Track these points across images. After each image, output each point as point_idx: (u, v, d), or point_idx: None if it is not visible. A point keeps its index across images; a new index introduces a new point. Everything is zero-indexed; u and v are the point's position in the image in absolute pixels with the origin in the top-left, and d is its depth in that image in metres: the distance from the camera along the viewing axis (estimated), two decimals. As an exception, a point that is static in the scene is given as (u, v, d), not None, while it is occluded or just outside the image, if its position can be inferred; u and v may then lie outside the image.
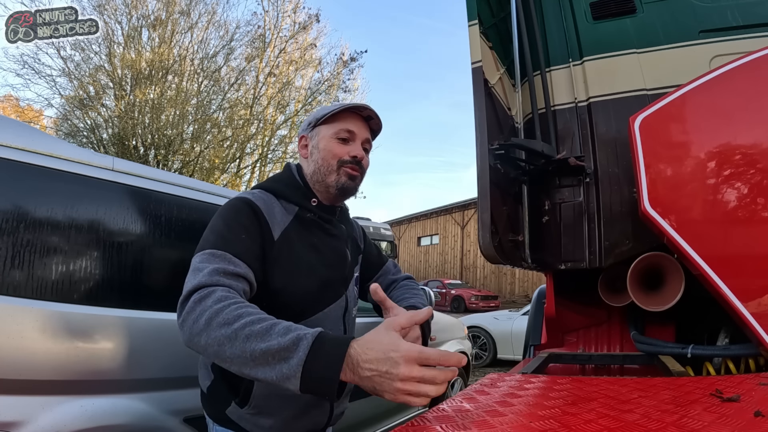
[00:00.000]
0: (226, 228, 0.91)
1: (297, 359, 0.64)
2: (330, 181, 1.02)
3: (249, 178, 13.46)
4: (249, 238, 0.91)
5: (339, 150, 1.02)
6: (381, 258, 1.31)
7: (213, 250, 0.86)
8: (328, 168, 1.02)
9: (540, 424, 0.69)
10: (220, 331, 0.70)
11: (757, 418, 0.67)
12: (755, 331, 1.19)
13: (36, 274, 1.18)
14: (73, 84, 11.47)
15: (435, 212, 23.69)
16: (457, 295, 16.01)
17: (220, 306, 0.73)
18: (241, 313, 0.72)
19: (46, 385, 1.16)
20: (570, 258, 1.78)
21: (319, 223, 1.05)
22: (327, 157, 1.02)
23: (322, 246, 1.04)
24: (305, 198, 1.04)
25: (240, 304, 0.74)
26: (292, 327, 0.69)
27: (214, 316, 0.72)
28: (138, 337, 1.34)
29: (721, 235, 1.28)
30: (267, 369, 0.67)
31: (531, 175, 1.88)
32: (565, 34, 1.97)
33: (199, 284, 0.78)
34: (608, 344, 1.88)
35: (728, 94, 1.35)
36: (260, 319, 0.71)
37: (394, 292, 1.20)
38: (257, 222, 0.94)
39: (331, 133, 1.03)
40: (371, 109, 1.04)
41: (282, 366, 0.65)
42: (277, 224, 0.97)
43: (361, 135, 1.04)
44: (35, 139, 1.27)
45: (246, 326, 0.69)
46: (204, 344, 0.72)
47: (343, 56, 13.99)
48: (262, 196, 1.00)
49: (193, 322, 0.74)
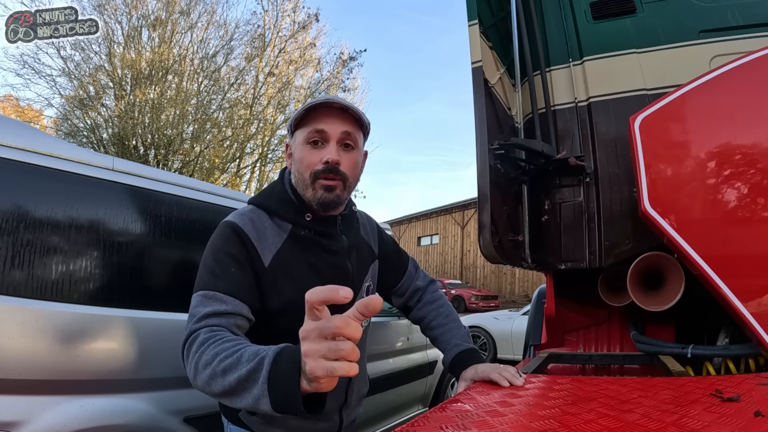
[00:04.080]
0: (216, 263, 0.89)
1: (262, 378, 0.63)
2: (308, 197, 0.95)
3: (249, 178, 13.45)
4: (239, 269, 0.89)
5: (310, 158, 0.93)
6: (402, 261, 1.26)
7: (205, 292, 0.86)
8: (304, 183, 0.95)
9: (540, 424, 0.69)
10: (205, 372, 0.72)
11: (757, 418, 0.67)
12: (755, 331, 1.19)
13: (36, 274, 1.18)
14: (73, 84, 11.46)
15: (435, 212, 23.67)
16: (457, 295, 16.00)
17: (202, 349, 0.75)
18: (218, 351, 0.72)
19: (46, 385, 1.16)
20: (570, 258, 1.78)
21: (316, 240, 0.99)
22: (301, 170, 0.95)
23: (320, 264, 0.99)
24: (299, 214, 0.97)
25: (217, 342, 0.75)
26: (259, 350, 0.67)
27: (198, 360, 0.74)
28: (138, 337, 1.34)
29: (721, 235, 1.28)
30: (245, 395, 0.66)
31: (531, 174, 1.88)
32: (565, 33, 1.97)
33: (191, 330, 0.81)
34: (608, 344, 1.88)
35: (728, 94, 1.35)
36: (233, 352, 0.70)
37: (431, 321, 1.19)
38: (245, 251, 0.91)
39: (302, 139, 0.95)
40: (342, 101, 0.94)
41: (253, 388, 0.64)
42: (267, 248, 0.94)
43: (335, 131, 0.93)
44: (35, 139, 1.27)
45: (221, 362, 0.69)
46: (201, 386, 0.74)
47: (342, 55, 13.99)
48: (252, 216, 0.96)
49: (189, 367, 0.77)
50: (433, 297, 1.25)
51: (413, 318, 1.27)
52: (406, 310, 1.28)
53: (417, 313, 1.25)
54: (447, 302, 1.25)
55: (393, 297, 1.28)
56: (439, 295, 1.26)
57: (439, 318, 1.19)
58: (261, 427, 0.98)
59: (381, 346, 2.42)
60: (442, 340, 1.16)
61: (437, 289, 1.28)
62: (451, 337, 1.14)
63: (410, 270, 1.27)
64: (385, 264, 1.21)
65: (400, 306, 1.29)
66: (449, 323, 1.18)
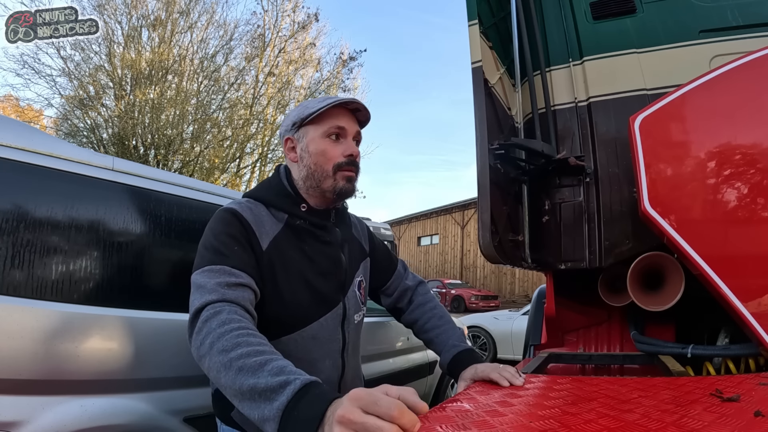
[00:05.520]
0: (219, 242, 0.90)
1: (279, 403, 0.61)
2: (326, 187, 0.99)
3: (249, 177, 13.46)
4: (242, 249, 0.90)
5: (333, 152, 0.98)
6: (392, 261, 1.28)
7: (211, 266, 0.85)
8: (323, 173, 0.98)
9: (540, 424, 0.69)
10: (219, 357, 0.70)
11: (757, 418, 0.67)
12: (755, 331, 1.19)
13: (36, 274, 1.18)
14: (73, 84, 11.47)
15: (435, 212, 23.68)
16: (457, 295, 16.01)
17: (223, 330, 0.73)
18: (240, 342, 0.70)
19: (46, 385, 1.16)
20: (570, 258, 1.78)
21: (310, 230, 1.02)
22: (320, 162, 0.98)
23: (313, 254, 1.01)
24: (294, 205, 1.01)
25: (242, 332, 0.73)
26: (286, 368, 0.65)
27: (216, 341, 0.72)
28: (138, 337, 1.34)
29: (721, 235, 1.28)
30: (252, 405, 0.64)
31: (531, 174, 1.88)
32: (565, 33, 1.97)
33: (206, 301, 0.78)
34: (608, 344, 1.88)
35: (728, 94, 1.35)
36: (257, 351, 0.69)
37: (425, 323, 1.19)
38: (245, 233, 0.93)
39: (321, 133, 0.99)
40: (358, 102, 1.01)
41: (265, 406, 0.62)
42: (265, 234, 0.95)
43: (352, 130, 1.01)
44: (35, 139, 1.27)
45: (241, 357, 0.68)
46: (207, 367, 0.72)
47: (342, 55, 14.00)
48: (249, 205, 0.98)
49: (200, 343, 0.74)
50: (425, 299, 1.24)
51: (406, 321, 1.26)
52: (397, 312, 1.28)
53: (409, 315, 1.24)
54: (439, 304, 1.25)
55: (382, 297, 1.28)
56: (431, 297, 1.26)
57: (434, 320, 1.18)
58: (253, 428, 0.97)
59: (381, 346, 2.42)
60: (438, 342, 1.15)
61: (428, 291, 1.28)
62: (447, 338, 1.13)
63: (399, 270, 1.28)
64: (376, 263, 1.22)
65: (390, 307, 1.28)
66: (444, 325, 1.17)
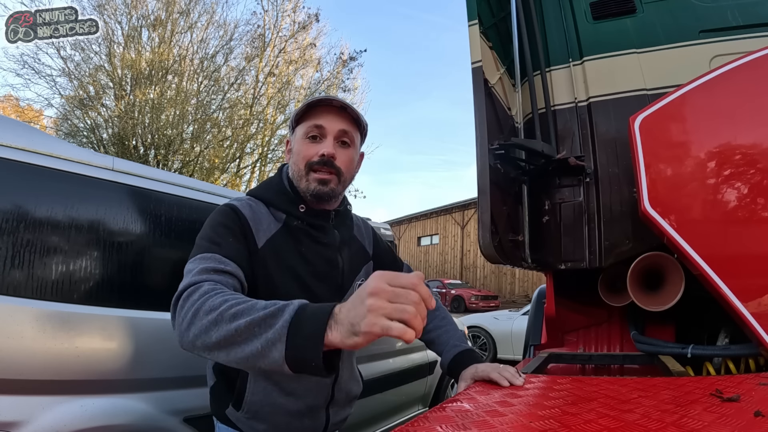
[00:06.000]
0: (214, 233, 0.91)
1: (282, 321, 0.62)
2: (302, 187, 0.99)
3: (249, 178, 13.45)
4: (236, 240, 0.91)
5: (307, 151, 0.97)
6: (396, 264, 1.27)
7: (203, 254, 0.86)
8: (299, 173, 0.99)
9: (540, 424, 0.69)
10: (206, 318, 0.69)
11: (757, 418, 0.67)
12: (755, 331, 1.19)
13: (36, 274, 1.18)
14: (73, 84, 11.47)
15: (435, 212, 23.68)
16: (457, 295, 16.01)
17: (206, 297, 0.72)
18: (227, 298, 0.70)
19: (46, 385, 1.16)
20: (570, 258, 1.78)
21: (307, 231, 1.01)
22: (297, 161, 0.99)
23: (310, 255, 1.00)
24: (293, 205, 1.00)
25: (225, 292, 0.74)
26: (277, 302, 0.67)
27: (201, 307, 0.71)
28: (138, 337, 1.34)
29: (721, 235, 1.28)
30: (253, 341, 0.63)
31: (531, 174, 1.88)
32: (565, 34, 1.97)
33: (187, 284, 0.79)
34: (608, 344, 1.88)
35: (728, 94, 1.35)
36: (245, 300, 0.69)
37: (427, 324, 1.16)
38: (241, 227, 0.94)
39: (302, 133, 0.99)
40: (340, 100, 0.99)
41: (267, 333, 0.62)
42: (262, 232, 0.96)
43: (333, 128, 0.98)
44: (35, 139, 1.27)
45: (231, 307, 0.67)
46: (193, 337, 0.70)
47: (342, 56, 13.99)
48: (250, 203, 0.99)
49: (182, 318, 0.73)
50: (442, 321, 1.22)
51: None
52: None
53: None
54: (441, 306, 1.24)
55: None
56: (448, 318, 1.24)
57: (435, 320, 1.18)
58: (247, 422, 0.98)
59: (381, 346, 2.41)
60: (439, 342, 1.15)
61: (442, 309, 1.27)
62: (448, 339, 1.13)
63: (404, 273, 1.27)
64: (380, 266, 1.21)
65: None
66: (445, 325, 1.17)
